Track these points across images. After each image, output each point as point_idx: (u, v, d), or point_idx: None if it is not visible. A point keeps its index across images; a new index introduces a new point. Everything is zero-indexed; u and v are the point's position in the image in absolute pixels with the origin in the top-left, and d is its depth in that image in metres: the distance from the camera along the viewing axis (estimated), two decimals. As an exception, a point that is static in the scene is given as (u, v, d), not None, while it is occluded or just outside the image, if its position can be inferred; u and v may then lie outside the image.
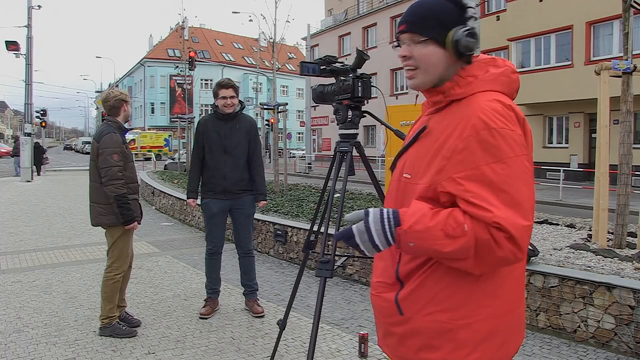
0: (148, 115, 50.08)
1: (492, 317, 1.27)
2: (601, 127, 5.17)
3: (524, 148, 1.23)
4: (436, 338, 1.28)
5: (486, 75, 1.31)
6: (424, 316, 1.29)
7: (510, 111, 1.24)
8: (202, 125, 4.12)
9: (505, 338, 1.30)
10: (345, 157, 2.44)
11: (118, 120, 3.75)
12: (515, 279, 1.32)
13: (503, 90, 1.31)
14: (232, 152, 4.01)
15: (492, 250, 1.16)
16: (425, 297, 1.29)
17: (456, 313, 1.26)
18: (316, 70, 2.49)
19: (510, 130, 1.20)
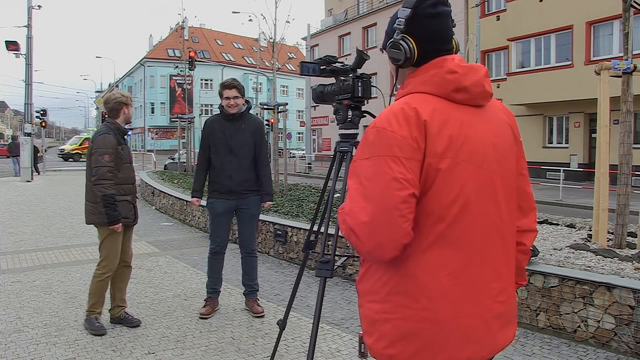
0: (148, 115, 50.10)
1: (412, 320, 1.28)
2: (601, 127, 5.17)
3: (398, 150, 1.21)
4: (369, 325, 1.36)
5: (422, 76, 1.33)
6: (365, 303, 1.39)
7: (411, 112, 1.24)
8: (208, 125, 4.14)
9: (429, 344, 1.27)
10: (345, 157, 2.44)
11: (117, 122, 3.79)
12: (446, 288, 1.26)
13: (433, 92, 1.30)
14: (238, 152, 4.01)
15: (348, 240, 1.28)
16: (367, 285, 1.39)
17: (383, 306, 1.32)
18: (316, 70, 2.49)
19: (390, 130, 1.23)
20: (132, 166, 3.87)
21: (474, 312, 1.29)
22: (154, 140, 47.74)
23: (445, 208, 1.25)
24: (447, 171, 1.24)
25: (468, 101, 1.32)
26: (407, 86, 1.35)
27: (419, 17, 1.32)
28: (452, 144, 1.25)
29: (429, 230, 1.26)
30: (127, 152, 3.83)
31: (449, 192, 1.25)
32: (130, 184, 3.81)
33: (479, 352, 1.30)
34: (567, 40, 18.47)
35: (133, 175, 3.89)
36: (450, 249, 1.26)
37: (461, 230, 1.27)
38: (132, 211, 3.84)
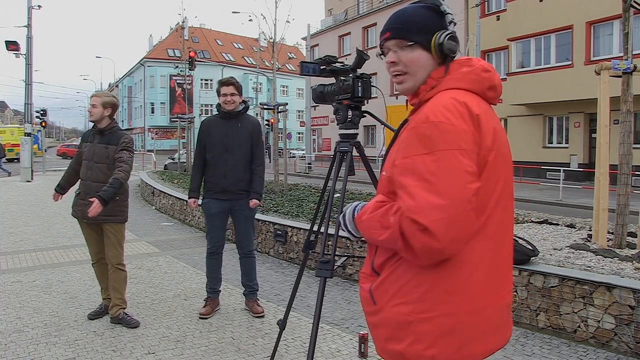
0: (148, 115, 50.09)
1: (453, 314, 1.27)
2: (601, 127, 5.17)
3: (464, 143, 1.22)
4: (400, 330, 1.31)
5: (454, 74, 1.35)
6: (391, 307, 1.33)
7: (462, 107, 1.25)
8: (204, 124, 4.16)
9: (468, 338, 1.28)
10: (345, 157, 2.44)
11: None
12: (479, 281, 1.29)
13: (470, 88, 1.33)
14: (233, 151, 4.01)
15: (411, 242, 1.20)
16: (393, 289, 1.33)
17: (418, 306, 1.28)
18: (316, 70, 2.49)
19: (450, 124, 1.21)
20: (90, 164, 3.85)
21: (498, 303, 1.35)
22: (154, 140, 47.76)
23: (488, 200, 1.28)
24: (492, 163, 1.27)
25: (492, 99, 1.38)
26: (437, 84, 1.34)
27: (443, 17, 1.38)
28: (496, 137, 1.29)
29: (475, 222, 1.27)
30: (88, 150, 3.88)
31: (492, 184, 1.28)
32: (81, 179, 3.94)
33: (499, 342, 1.36)
34: (567, 40, 18.46)
35: (85, 172, 3.88)
36: (488, 240, 1.30)
37: (495, 222, 1.31)
38: (79, 207, 3.89)
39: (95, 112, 3.82)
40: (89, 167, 3.84)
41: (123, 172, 3.74)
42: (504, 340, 1.37)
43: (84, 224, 3.94)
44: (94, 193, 3.75)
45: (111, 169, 3.79)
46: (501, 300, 1.36)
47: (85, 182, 3.85)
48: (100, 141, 3.84)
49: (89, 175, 3.83)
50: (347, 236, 1.51)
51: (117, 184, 3.69)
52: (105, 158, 3.81)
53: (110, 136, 3.85)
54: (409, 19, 1.38)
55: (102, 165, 3.80)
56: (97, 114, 3.82)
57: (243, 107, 4.12)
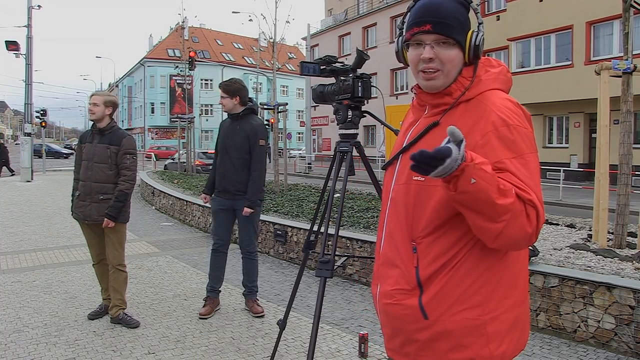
0: (148, 115, 50.08)
1: (515, 307, 1.33)
2: (601, 127, 5.17)
3: (534, 145, 1.29)
4: (466, 336, 1.28)
5: (488, 74, 1.36)
6: (451, 316, 1.28)
7: (520, 109, 1.30)
8: (220, 126, 4.38)
9: (524, 326, 1.37)
10: (345, 157, 2.44)
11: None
12: (526, 270, 1.41)
13: (503, 88, 1.36)
14: (230, 152, 4.06)
15: (522, 223, 1.17)
16: (451, 298, 1.28)
17: (484, 308, 1.28)
18: (316, 70, 2.49)
19: (524, 127, 1.27)
20: (89, 164, 3.80)
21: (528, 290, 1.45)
22: (154, 140, 47.76)
23: None
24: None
25: None
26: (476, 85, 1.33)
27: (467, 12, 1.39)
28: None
29: None
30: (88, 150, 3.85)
31: None
32: (80, 180, 3.89)
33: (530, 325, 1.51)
34: (567, 40, 18.46)
35: (85, 173, 3.83)
36: None
37: None
38: (80, 208, 3.87)
39: (97, 110, 3.81)
40: (88, 167, 3.82)
41: (127, 183, 3.80)
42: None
43: (85, 225, 3.93)
44: (95, 194, 3.77)
45: (113, 170, 3.79)
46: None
47: (85, 182, 3.82)
48: (100, 141, 3.83)
49: (89, 176, 3.81)
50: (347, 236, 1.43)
51: (123, 198, 3.79)
52: (106, 158, 3.79)
53: (111, 136, 3.84)
54: (451, 15, 1.32)
55: (103, 166, 3.79)
56: (98, 113, 3.81)
57: (243, 109, 4.12)
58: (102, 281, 4.05)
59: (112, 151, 3.81)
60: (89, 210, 3.81)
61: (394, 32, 34.91)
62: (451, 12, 1.32)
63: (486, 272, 1.29)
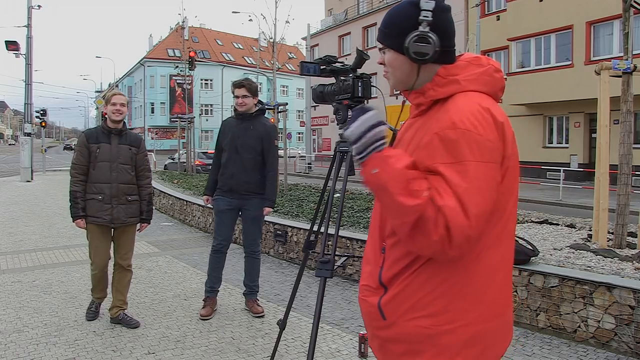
0: (148, 115, 50.08)
1: (476, 323, 1.26)
2: (601, 127, 5.17)
3: (490, 154, 1.18)
4: (418, 343, 1.28)
5: (468, 75, 1.29)
6: (407, 321, 1.29)
7: (487, 114, 1.20)
8: (222, 125, 4.30)
9: (488, 343, 1.28)
10: (345, 157, 2.44)
11: (104, 119, 3.88)
12: (499, 285, 1.30)
13: (485, 90, 1.29)
14: (242, 152, 4.03)
15: (429, 230, 1.13)
16: (408, 302, 1.28)
17: (439, 318, 1.25)
18: (316, 70, 2.49)
19: (478, 134, 1.17)
20: (113, 165, 3.72)
21: (511, 304, 1.36)
22: (154, 140, 47.76)
23: (505, 206, 1.27)
24: (511, 170, 1.26)
25: (499, 100, 1.34)
26: (449, 85, 1.28)
27: (439, 10, 1.27)
28: (514, 143, 1.27)
29: (491, 229, 1.25)
30: (110, 151, 3.73)
31: (507, 191, 1.26)
32: (102, 183, 3.70)
33: (509, 340, 1.37)
34: (567, 40, 18.46)
35: (110, 175, 3.71)
36: (506, 244, 1.30)
37: (510, 227, 1.31)
38: (106, 212, 3.70)
39: (125, 111, 3.80)
40: (114, 169, 3.71)
41: (151, 186, 3.91)
42: (511, 339, 1.40)
43: (104, 229, 3.78)
44: (122, 195, 3.75)
45: (134, 171, 3.83)
46: (512, 303, 1.37)
47: (112, 184, 3.70)
48: (121, 142, 3.78)
49: (115, 177, 3.71)
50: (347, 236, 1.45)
51: (151, 200, 3.93)
52: (129, 159, 3.80)
53: (129, 137, 3.86)
54: (388, 21, 1.34)
55: (128, 167, 3.79)
56: (125, 113, 3.82)
57: (257, 109, 4.13)
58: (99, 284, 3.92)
59: (132, 152, 3.82)
60: (116, 212, 3.72)
61: (394, 32, 35.18)
62: (390, 18, 1.33)
63: (445, 283, 1.25)
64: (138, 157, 3.86)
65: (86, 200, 3.71)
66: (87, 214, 3.71)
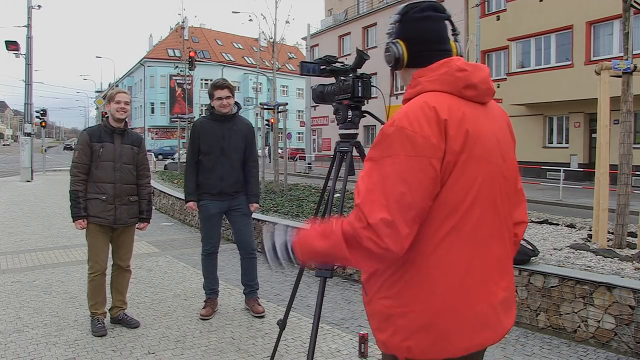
0: (148, 115, 50.09)
1: (428, 311, 1.32)
2: (601, 127, 5.17)
3: (421, 149, 1.24)
4: (383, 321, 1.39)
5: (429, 76, 1.38)
6: (378, 299, 1.40)
7: (431, 112, 1.27)
8: (197, 126, 4.11)
9: (446, 333, 1.32)
10: (345, 157, 2.44)
11: (106, 118, 3.80)
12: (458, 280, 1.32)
13: (446, 89, 1.35)
14: (230, 154, 4.01)
15: (357, 241, 1.25)
16: (379, 282, 1.40)
17: (396, 301, 1.35)
18: (316, 70, 2.49)
19: (411, 131, 1.25)
20: (117, 165, 3.68)
21: (484, 299, 1.36)
22: (154, 140, 47.75)
23: (459, 200, 1.30)
24: (462, 165, 1.29)
25: (476, 98, 1.38)
26: (416, 85, 1.39)
27: (407, 22, 1.43)
28: (469, 139, 1.30)
29: (443, 222, 1.30)
30: (114, 150, 3.68)
31: (464, 186, 1.30)
32: (106, 183, 3.65)
33: (491, 337, 1.38)
34: (567, 40, 18.46)
35: (113, 175, 3.67)
36: (463, 240, 1.31)
37: (473, 222, 1.32)
38: (109, 212, 3.66)
39: (128, 109, 3.77)
40: (117, 169, 3.67)
41: (150, 185, 3.89)
42: (498, 336, 1.40)
43: (106, 230, 3.73)
44: (125, 196, 3.72)
45: (135, 171, 3.81)
46: (491, 297, 1.37)
47: (115, 184, 3.66)
48: (124, 141, 3.74)
49: (119, 178, 3.68)
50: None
51: (151, 199, 3.92)
52: (132, 159, 3.77)
53: (131, 136, 3.82)
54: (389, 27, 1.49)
55: (131, 167, 3.76)
56: (129, 112, 3.80)
57: (237, 109, 4.13)
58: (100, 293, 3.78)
59: (134, 152, 3.80)
60: (119, 213, 3.68)
61: (394, 32, 35.00)
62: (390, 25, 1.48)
63: (402, 268, 1.34)
64: (139, 156, 3.85)
65: (88, 200, 3.63)
66: (89, 214, 3.63)
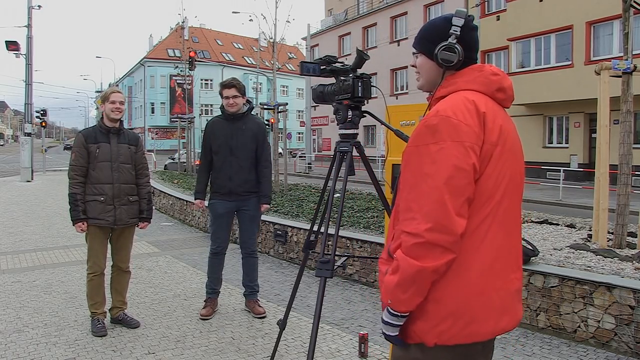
0: (148, 115, 50.07)
1: (461, 294, 1.38)
2: (601, 127, 5.17)
3: (465, 136, 1.34)
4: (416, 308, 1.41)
5: (466, 77, 1.50)
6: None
7: (470, 105, 1.40)
8: (209, 126, 4.15)
9: (475, 317, 1.38)
10: (345, 157, 2.44)
11: (100, 119, 3.78)
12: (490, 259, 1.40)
13: (480, 90, 1.48)
14: (238, 153, 4.01)
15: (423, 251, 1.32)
16: None
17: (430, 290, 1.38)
18: (316, 70, 2.49)
19: (456, 120, 1.36)
20: (114, 165, 3.66)
21: (506, 286, 1.45)
22: (154, 140, 47.74)
23: (494, 190, 1.40)
24: (497, 156, 1.40)
25: (503, 102, 1.52)
26: (450, 85, 1.50)
27: (467, 28, 1.52)
28: (502, 134, 1.42)
29: (480, 208, 1.38)
30: (110, 150, 3.67)
31: (498, 176, 1.40)
32: (104, 183, 3.63)
33: (511, 322, 1.46)
34: (567, 40, 18.45)
35: (111, 175, 3.65)
36: (496, 227, 1.41)
37: (503, 210, 1.42)
38: (109, 213, 3.63)
39: (124, 109, 3.75)
40: (115, 169, 3.65)
41: (150, 185, 3.86)
42: (515, 323, 1.48)
43: (106, 231, 3.72)
44: (124, 196, 3.70)
45: (134, 170, 3.79)
46: (510, 284, 1.45)
47: (114, 185, 3.64)
48: (120, 141, 3.72)
49: (117, 178, 3.66)
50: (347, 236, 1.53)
51: (151, 198, 3.89)
52: (129, 158, 3.76)
53: (127, 136, 3.81)
54: (423, 31, 1.59)
55: (129, 166, 3.75)
56: (124, 111, 3.77)
57: (247, 108, 4.12)
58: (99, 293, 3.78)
59: (132, 151, 3.78)
60: (119, 213, 3.67)
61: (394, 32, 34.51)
62: (425, 28, 1.59)
63: None
64: (137, 155, 3.83)
65: (87, 202, 3.61)
66: (88, 216, 3.61)
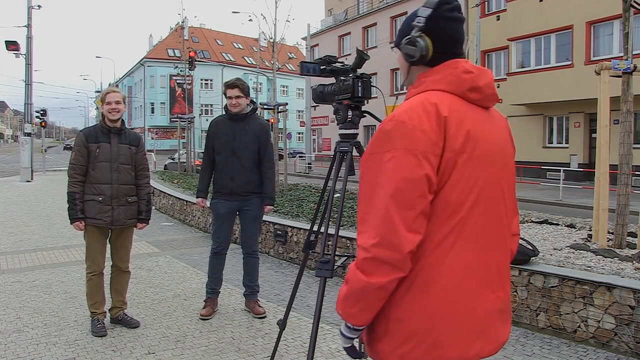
0: (148, 115, 50.08)
1: (424, 315, 1.27)
2: (601, 127, 5.17)
3: (420, 144, 1.22)
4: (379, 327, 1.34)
5: (435, 76, 1.36)
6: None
7: (431, 108, 1.26)
8: (213, 126, 4.17)
9: (440, 341, 1.26)
10: (345, 157, 2.44)
11: (103, 118, 3.75)
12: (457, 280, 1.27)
13: (449, 90, 1.33)
14: (240, 153, 4.00)
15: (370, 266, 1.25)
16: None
17: (392, 309, 1.30)
18: (316, 70, 2.49)
19: (411, 125, 1.24)
20: (114, 166, 3.65)
21: (482, 307, 1.30)
22: (154, 140, 47.75)
23: (461, 201, 1.27)
24: (463, 165, 1.26)
25: (479, 102, 1.36)
26: (420, 85, 1.37)
27: (438, 18, 1.35)
28: (470, 140, 1.28)
29: (444, 222, 1.26)
30: (110, 150, 3.65)
31: (465, 186, 1.27)
32: (103, 183, 3.61)
33: (486, 348, 1.31)
34: (567, 40, 18.47)
35: (110, 175, 3.64)
36: (463, 241, 1.27)
37: (473, 223, 1.29)
38: (107, 213, 3.62)
39: (122, 109, 3.68)
40: (114, 169, 3.64)
41: (150, 186, 3.85)
42: (494, 347, 1.34)
43: (104, 231, 3.71)
44: (123, 196, 3.68)
45: (134, 171, 3.77)
46: (487, 304, 1.32)
47: (112, 185, 3.62)
48: (121, 141, 3.70)
49: (117, 178, 3.64)
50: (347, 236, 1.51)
51: (150, 199, 3.87)
52: (129, 159, 3.74)
53: (128, 136, 3.78)
54: (402, 24, 1.46)
55: (128, 167, 3.73)
56: (123, 111, 3.71)
57: (251, 108, 4.12)
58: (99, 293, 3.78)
59: (132, 152, 3.76)
60: (117, 214, 3.65)
61: (394, 32, 34.47)
62: (403, 23, 1.44)
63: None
64: (137, 156, 3.81)
65: (85, 202, 3.60)
66: (86, 216, 3.60)
